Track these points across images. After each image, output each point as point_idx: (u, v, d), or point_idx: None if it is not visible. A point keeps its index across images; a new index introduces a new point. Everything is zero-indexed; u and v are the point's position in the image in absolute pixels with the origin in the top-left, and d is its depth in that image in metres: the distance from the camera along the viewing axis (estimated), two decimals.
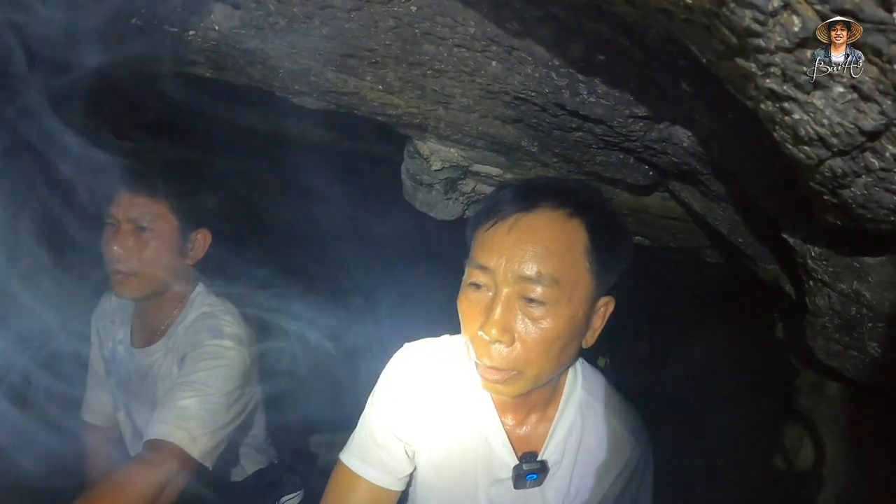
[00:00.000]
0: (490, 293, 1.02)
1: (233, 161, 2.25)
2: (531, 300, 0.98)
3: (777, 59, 0.55)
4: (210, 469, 1.36)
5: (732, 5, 0.50)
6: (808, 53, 0.53)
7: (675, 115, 1.09)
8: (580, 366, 1.25)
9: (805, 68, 0.55)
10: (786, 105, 0.62)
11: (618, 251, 1.07)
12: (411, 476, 1.26)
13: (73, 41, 1.03)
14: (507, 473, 1.17)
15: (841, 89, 0.55)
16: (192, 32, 1.07)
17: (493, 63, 1.09)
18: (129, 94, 1.48)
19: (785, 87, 0.59)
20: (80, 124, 1.42)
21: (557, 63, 1.02)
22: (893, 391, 1.50)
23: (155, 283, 1.49)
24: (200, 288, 1.61)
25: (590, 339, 1.11)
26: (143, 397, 1.55)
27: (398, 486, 1.23)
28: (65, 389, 1.62)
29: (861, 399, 1.71)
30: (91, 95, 1.44)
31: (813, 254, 1.20)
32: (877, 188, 0.72)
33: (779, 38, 0.52)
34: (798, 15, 0.49)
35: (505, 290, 0.99)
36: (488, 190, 1.90)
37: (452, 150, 1.60)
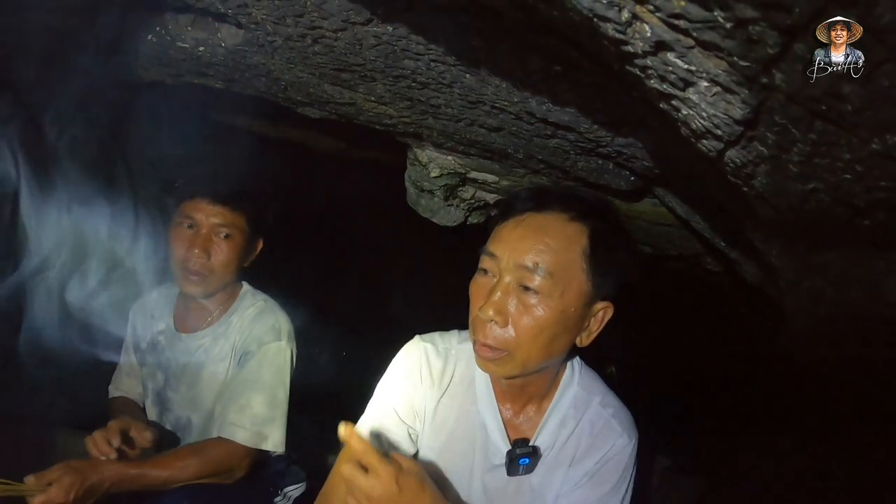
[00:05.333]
0: (494, 279, 1.13)
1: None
2: (527, 288, 1.09)
3: (648, 62, 0.65)
4: (284, 452, 1.66)
5: (596, 20, 0.61)
6: (669, 55, 0.62)
7: (632, 120, 1.18)
8: (577, 364, 1.33)
9: (670, 68, 0.64)
10: (673, 103, 0.72)
11: (617, 260, 1.15)
12: (413, 458, 1.36)
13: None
14: (501, 460, 1.24)
15: (705, 83, 0.64)
16: (201, 48, 1.23)
17: (467, 76, 1.21)
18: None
19: (664, 86, 0.69)
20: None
21: (520, 74, 1.13)
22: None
23: (222, 283, 1.69)
24: (247, 286, 1.80)
25: (584, 340, 1.19)
26: (183, 377, 1.73)
27: None
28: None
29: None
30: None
31: (775, 252, 1.26)
32: (777, 176, 0.80)
33: (641, 44, 0.62)
34: (646, 23, 0.59)
35: (506, 278, 1.11)
36: (488, 197, 2.01)
37: (449, 157, 1.72)
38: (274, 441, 1.59)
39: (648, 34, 0.60)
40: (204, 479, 1.51)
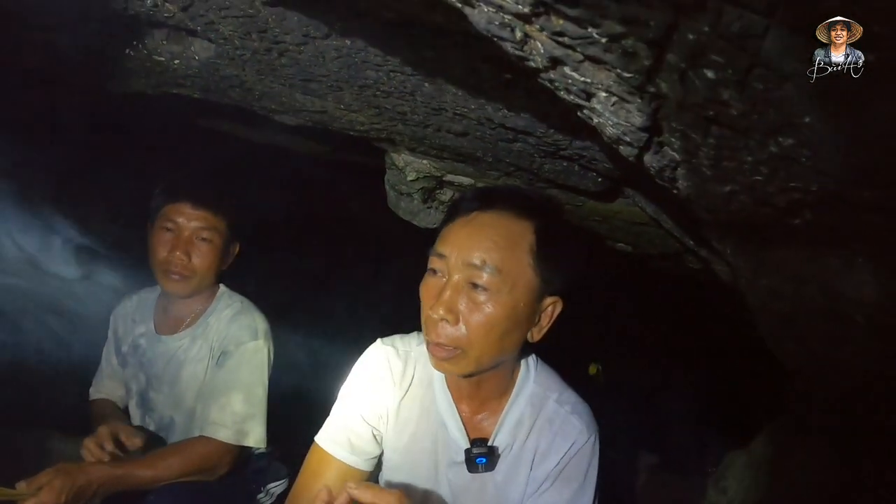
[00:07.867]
0: (444, 279, 1.17)
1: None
2: (476, 285, 1.13)
3: (552, 75, 0.69)
4: (266, 447, 1.73)
5: (497, 40, 0.65)
6: (565, 69, 0.67)
7: (585, 125, 1.22)
8: (532, 361, 1.36)
9: (570, 80, 0.68)
10: (585, 112, 0.76)
11: (565, 256, 1.20)
12: (380, 458, 1.40)
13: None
14: (462, 457, 1.28)
15: (604, 94, 0.68)
16: (177, 61, 1.30)
17: (426, 84, 1.26)
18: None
19: (572, 98, 0.73)
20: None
21: (473, 82, 1.18)
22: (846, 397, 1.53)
23: (203, 284, 1.76)
24: (223, 287, 1.87)
25: (536, 335, 1.23)
26: (164, 377, 1.80)
27: (366, 466, 1.35)
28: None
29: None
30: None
31: (729, 250, 1.29)
32: (696, 178, 0.84)
33: (539, 59, 0.66)
34: (537, 41, 0.63)
35: (455, 276, 1.15)
36: None
37: (424, 161, 1.77)
38: (255, 437, 1.66)
39: (542, 51, 0.64)
40: (188, 476, 1.58)
